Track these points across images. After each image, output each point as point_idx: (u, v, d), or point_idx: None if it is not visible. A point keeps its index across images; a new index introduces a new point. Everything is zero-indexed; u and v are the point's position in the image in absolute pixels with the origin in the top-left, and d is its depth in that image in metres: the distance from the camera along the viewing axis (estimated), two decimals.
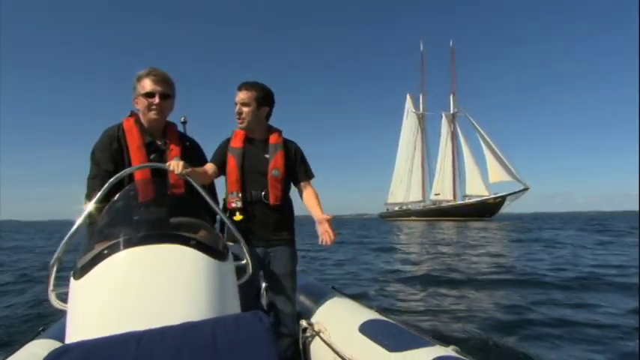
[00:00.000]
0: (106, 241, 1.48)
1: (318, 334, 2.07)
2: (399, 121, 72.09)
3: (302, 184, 2.30)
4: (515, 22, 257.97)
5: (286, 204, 2.28)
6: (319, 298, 2.44)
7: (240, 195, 2.17)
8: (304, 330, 2.14)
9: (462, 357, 1.60)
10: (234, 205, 2.16)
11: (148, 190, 1.95)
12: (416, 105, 70.62)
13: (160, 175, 1.96)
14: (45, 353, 1.76)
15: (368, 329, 1.88)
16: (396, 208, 70.70)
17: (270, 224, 2.20)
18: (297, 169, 2.29)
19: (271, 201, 2.18)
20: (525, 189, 54.58)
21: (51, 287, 1.56)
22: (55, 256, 1.56)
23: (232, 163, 2.19)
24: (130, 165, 1.94)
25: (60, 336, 1.92)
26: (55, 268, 1.57)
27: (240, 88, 2.19)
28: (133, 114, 2.09)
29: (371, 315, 2.03)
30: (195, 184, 1.84)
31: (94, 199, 1.66)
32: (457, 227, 28.58)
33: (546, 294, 5.42)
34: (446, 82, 71.62)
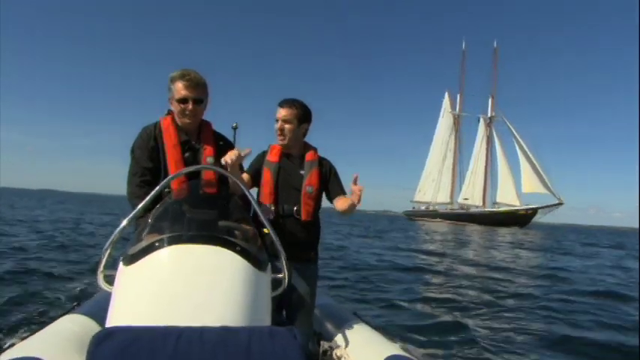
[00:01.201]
0: (157, 234, 1.56)
1: (339, 359, 2.07)
2: (431, 120, 71.47)
3: (336, 199, 2.31)
4: (563, 25, 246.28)
5: (316, 221, 2.32)
6: (341, 322, 2.42)
7: (272, 208, 2.21)
8: (325, 352, 2.14)
9: None
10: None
11: (197, 190, 2.02)
12: (453, 105, 69.17)
13: (194, 175, 2.03)
14: (80, 330, 1.84)
15: None
16: (423, 208, 69.89)
17: (299, 240, 2.22)
18: (331, 187, 2.32)
19: (303, 217, 2.22)
20: (559, 204, 53.04)
21: (101, 269, 1.65)
22: (109, 241, 1.65)
23: (267, 176, 2.24)
24: (165, 162, 2.05)
25: (93, 313, 2.04)
26: (107, 252, 1.65)
27: (282, 105, 2.24)
28: (170, 113, 2.16)
29: (395, 350, 1.98)
30: (240, 184, 1.90)
31: (145, 201, 1.73)
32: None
33: None
34: (485, 84, 69.37)
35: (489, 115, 64.30)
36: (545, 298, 6.51)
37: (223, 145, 2.23)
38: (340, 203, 2.27)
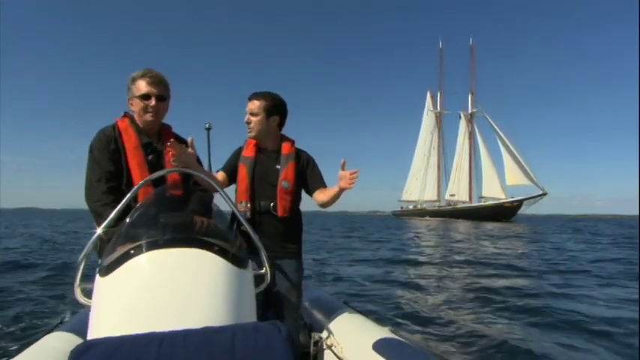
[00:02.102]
0: (131, 242, 1.52)
1: (330, 347, 2.07)
2: (413, 119, 72.53)
3: (316, 192, 2.27)
4: (537, 19, 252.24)
5: (295, 216, 2.27)
6: (331, 312, 2.43)
7: (249, 205, 2.18)
8: (315, 343, 2.14)
9: None
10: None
11: (164, 192, 1.96)
12: (434, 103, 70.09)
13: (158, 179, 1.94)
14: (64, 347, 1.78)
15: (382, 348, 1.85)
16: (411, 207, 70.50)
17: (278, 236, 2.20)
18: (309, 180, 2.28)
19: (279, 212, 2.19)
20: (543, 194, 53.95)
21: (77, 282, 1.60)
22: (83, 253, 1.60)
23: (243, 173, 2.21)
24: (127, 165, 1.96)
25: (78, 330, 1.97)
26: (82, 265, 1.61)
27: (250, 98, 2.23)
28: (127, 115, 2.08)
29: (384, 333, 2.00)
30: (213, 183, 1.90)
31: (117, 209, 1.68)
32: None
33: None
34: (464, 81, 70.55)
35: (470, 111, 65.31)
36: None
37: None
38: (321, 196, 2.23)
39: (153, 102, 2.00)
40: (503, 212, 53.95)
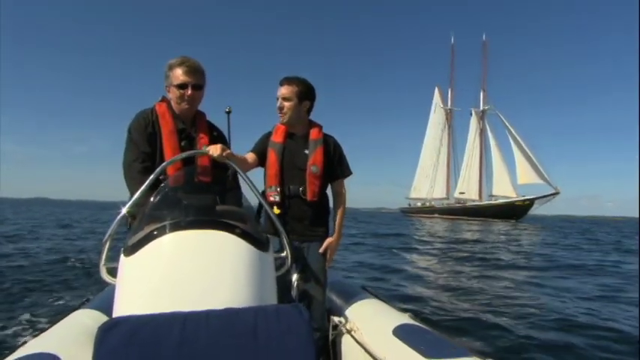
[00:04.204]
0: (156, 222, 1.54)
1: (349, 332, 2.05)
2: (423, 115, 71.23)
3: (337, 182, 2.34)
4: (553, 15, 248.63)
5: (323, 200, 2.30)
6: (350, 297, 2.43)
7: (278, 189, 2.20)
8: (335, 327, 2.14)
9: None
10: (272, 199, 2.20)
11: (193, 176, 2.00)
12: (444, 100, 69.24)
13: (189, 162, 1.99)
14: (91, 323, 1.83)
15: (402, 333, 1.83)
16: (419, 204, 69.83)
17: (306, 219, 2.23)
18: (335, 168, 2.31)
19: (309, 197, 2.21)
20: (556, 193, 52.81)
21: (102, 262, 1.64)
22: (108, 232, 1.63)
23: (272, 158, 2.23)
24: (161, 149, 2.01)
25: (104, 307, 1.99)
26: (107, 245, 1.63)
27: (282, 83, 2.22)
28: (165, 99, 2.12)
29: (404, 319, 2.00)
30: (239, 171, 1.87)
31: (141, 189, 1.70)
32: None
33: None
34: (476, 78, 69.52)
35: (481, 108, 64.26)
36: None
37: (217, 136, 2.24)
38: (335, 201, 2.35)
39: (189, 91, 2.04)
40: (515, 211, 52.76)
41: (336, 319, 2.18)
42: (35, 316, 4.09)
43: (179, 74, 2.02)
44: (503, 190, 58.45)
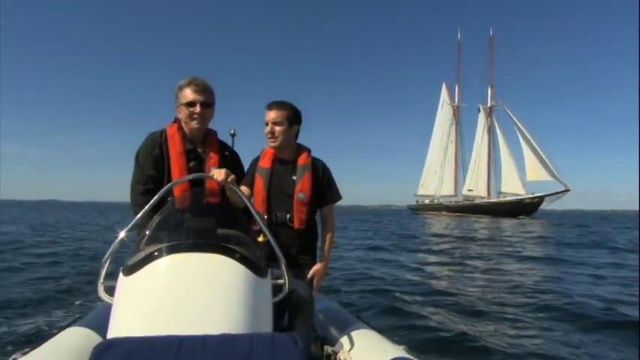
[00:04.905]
0: (156, 244, 1.54)
1: None
2: (430, 111, 70.88)
3: (326, 207, 2.31)
4: (561, 9, 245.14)
5: (311, 227, 2.27)
6: (344, 325, 2.38)
7: (265, 216, 2.16)
8: (328, 356, 2.11)
9: None
10: (258, 226, 2.18)
11: (199, 198, 2.01)
12: (451, 96, 68.63)
13: (198, 184, 2.00)
14: (84, 343, 1.80)
15: None
16: (427, 201, 69.41)
17: (294, 247, 2.19)
18: (323, 194, 2.27)
19: (295, 224, 2.18)
20: (566, 190, 52.24)
21: (101, 280, 1.63)
22: (108, 252, 1.62)
23: (259, 184, 2.20)
24: (169, 170, 2.04)
25: (96, 326, 1.99)
26: (107, 263, 1.63)
27: (270, 107, 2.19)
28: (177, 120, 2.16)
29: (399, 352, 1.95)
30: (241, 195, 1.88)
31: (144, 210, 1.71)
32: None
33: None
34: (483, 73, 68.88)
35: (489, 104, 63.67)
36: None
37: (229, 155, 2.24)
38: (323, 241, 2.31)
39: (198, 109, 2.06)
40: (524, 208, 52.25)
41: (329, 348, 2.16)
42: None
43: (188, 93, 2.06)
44: (512, 187, 57.92)
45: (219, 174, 1.83)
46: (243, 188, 2.19)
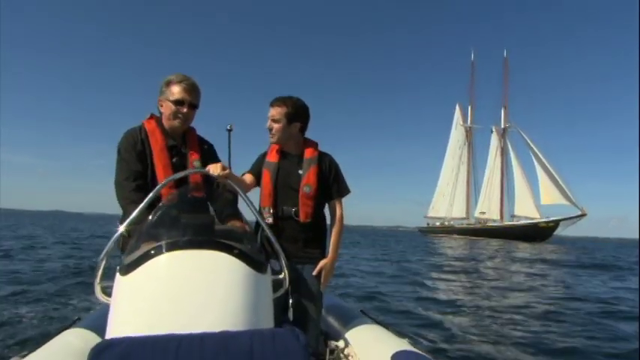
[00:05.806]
0: (152, 242, 1.52)
1: (347, 357, 2.04)
2: (443, 132, 70.63)
3: (333, 202, 2.29)
4: (575, 31, 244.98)
5: (318, 221, 2.25)
6: (348, 320, 2.40)
7: (271, 211, 2.17)
8: (332, 351, 2.12)
9: None
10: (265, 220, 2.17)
11: (190, 194, 1.98)
12: (464, 117, 68.00)
13: (182, 181, 1.97)
14: (83, 344, 1.77)
15: None
16: (437, 224, 68.14)
17: (300, 241, 2.20)
18: (331, 185, 2.26)
19: (301, 218, 2.17)
20: (582, 215, 50.51)
21: (97, 280, 1.62)
22: (104, 251, 1.61)
23: (266, 178, 2.22)
24: (152, 166, 2.00)
25: (96, 327, 1.96)
26: (103, 263, 1.62)
27: (272, 104, 2.21)
28: (153, 116, 2.12)
29: (403, 345, 1.93)
30: (239, 191, 1.88)
31: (139, 209, 1.67)
32: None
33: None
34: (497, 95, 68.25)
35: (502, 126, 62.82)
36: None
37: (207, 149, 2.24)
38: (332, 231, 2.28)
39: (185, 109, 2.06)
40: (538, 233, 50.34)
41: (333, 343, 2.18)
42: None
43: (177, 91, 2.04)
44: (526, 211, 56.32)
45: (214, 168, 1.84)
46: (248, 176, 2.24)
